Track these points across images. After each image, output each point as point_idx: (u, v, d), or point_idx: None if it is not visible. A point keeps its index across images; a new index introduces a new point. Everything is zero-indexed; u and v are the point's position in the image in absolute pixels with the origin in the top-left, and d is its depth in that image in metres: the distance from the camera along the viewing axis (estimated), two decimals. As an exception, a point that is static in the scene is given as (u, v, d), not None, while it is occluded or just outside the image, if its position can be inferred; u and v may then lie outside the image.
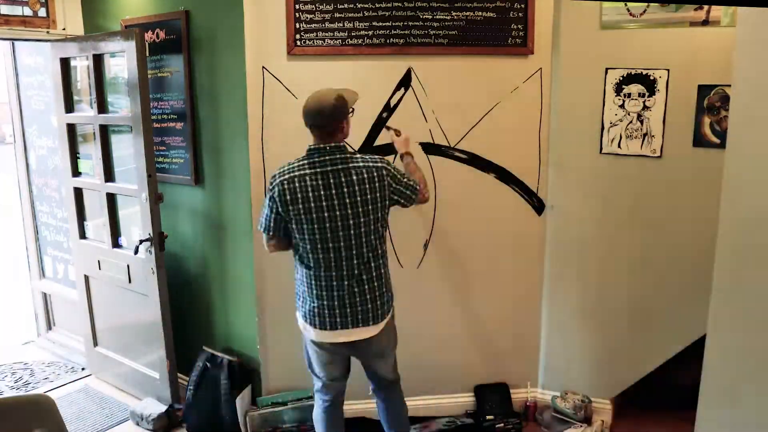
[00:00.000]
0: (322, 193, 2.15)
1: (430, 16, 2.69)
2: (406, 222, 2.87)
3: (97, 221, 3.42)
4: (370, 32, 2.69)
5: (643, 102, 2.71)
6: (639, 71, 2.69)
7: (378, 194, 2.19)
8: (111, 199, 3.23)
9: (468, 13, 2.71)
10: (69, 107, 3.33)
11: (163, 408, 3.08)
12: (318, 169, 2.15)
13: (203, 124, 2.98)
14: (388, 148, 2.80)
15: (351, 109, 2.23)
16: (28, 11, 3.21)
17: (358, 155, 2.23)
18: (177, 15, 2.90)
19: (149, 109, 2.88)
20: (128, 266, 3.18)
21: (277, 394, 2.96)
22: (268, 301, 2.92)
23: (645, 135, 2.73)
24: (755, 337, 1.82)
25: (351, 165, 2.17)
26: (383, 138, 2.79)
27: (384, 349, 2.42)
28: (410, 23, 2.69)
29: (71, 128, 3.35)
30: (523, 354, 3.11)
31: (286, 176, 2.17)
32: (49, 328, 4.10)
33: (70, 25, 3.29)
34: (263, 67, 2.69)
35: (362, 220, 2.18)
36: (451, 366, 3.07)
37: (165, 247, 2.99)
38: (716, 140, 2.58)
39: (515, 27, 2.74)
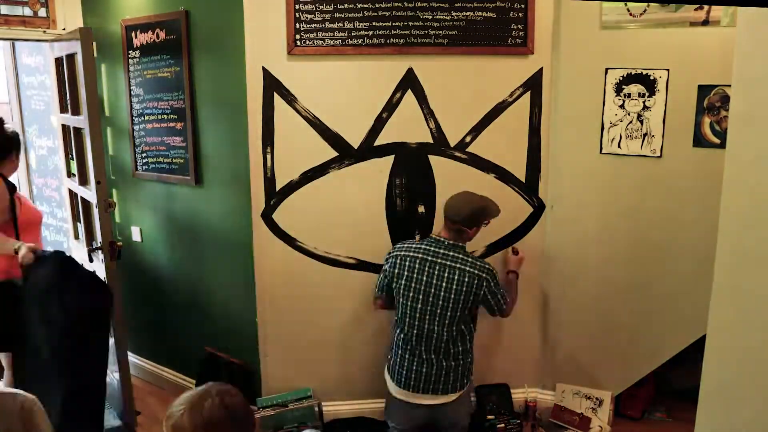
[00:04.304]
0: (421, 276, 2.47)
1: (430, 16, 2.69)
2: (407, 223, 2.87)
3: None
4: (370, 32, 2.69)
5: (643, 102, 2.71)
6: (639, 71, 2.69)
7: (462, 297, 2.44)
8: (86, 201, 3.11)
9: (468, 13, 2.71)
10: (64, 107, 3.30)
11: (116, 423, 2.96)
12: (428, 257, 2.47)
13: (203, 124, 2.98)
14: (388, 149, 2.80)
15: (487, 221, 2.55)
16: (28, 11, 3.20)
17: (469, 258, 2.47)
18: (177, 15, 2.90)
19: (97, 113, 2.75)
20: (94, 272, 3.00)
21: (278, 394, 2.96)
22: (267, 300, 2.92)
23: (645, 135, 2.73)
24: (755, 337, 1.82)
25: (456, 265, 2.44)
26: (383, 138, 2.79)
27: (457, 417, 2.60)
28: (410, 23, 2.69)
29: (65, 128, 3.33)
30: (523, 354, 3.10)
31: (402, 253, 2.52)
32: (49, 328, 4.10)
33: (71, 26, 3.27)
34: (263, 67, 2.69)
35: (445, 312, 2.44)
36: (451, 366, 3.07)
37: (121, 256, 2.85)
38: (716, 140, 2.58)
39: (515, 27, 2.74)
